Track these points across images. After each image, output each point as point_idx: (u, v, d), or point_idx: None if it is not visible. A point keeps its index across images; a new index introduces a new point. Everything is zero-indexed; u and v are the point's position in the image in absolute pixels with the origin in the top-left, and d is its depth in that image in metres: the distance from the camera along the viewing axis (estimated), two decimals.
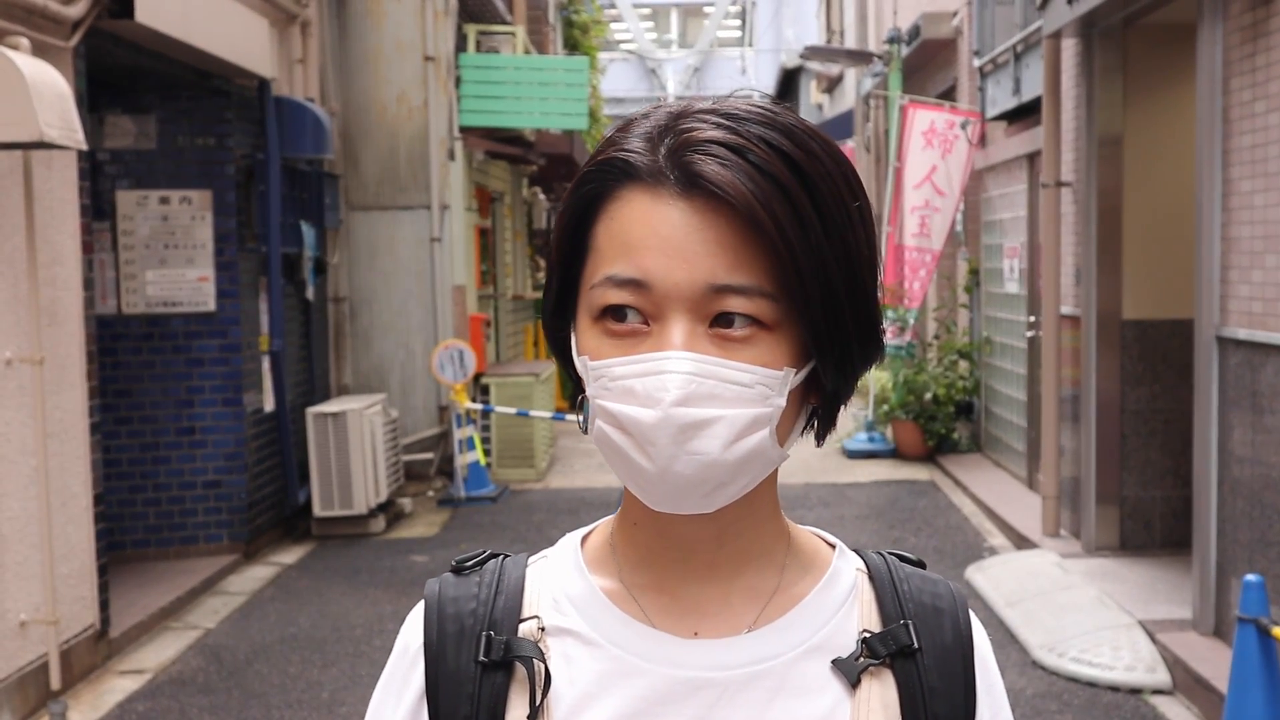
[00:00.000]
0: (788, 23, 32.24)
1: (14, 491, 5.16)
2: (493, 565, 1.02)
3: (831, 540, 1.04)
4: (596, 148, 0.94)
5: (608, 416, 0.89)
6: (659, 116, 0.92)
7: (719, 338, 0.88)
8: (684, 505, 0.90)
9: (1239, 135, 5.21)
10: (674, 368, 0.86)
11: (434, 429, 10.24)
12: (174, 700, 5.47)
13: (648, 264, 0.87)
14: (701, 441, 0.86)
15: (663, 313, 0.88)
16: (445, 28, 10.30)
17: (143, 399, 7.63)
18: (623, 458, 0.89)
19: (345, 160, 10.01)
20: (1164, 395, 7.13)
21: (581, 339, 0.92)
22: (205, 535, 7.70)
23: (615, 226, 0.90)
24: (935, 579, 1.03)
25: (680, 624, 0.95)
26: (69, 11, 5.50)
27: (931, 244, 11.03)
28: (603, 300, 0.89)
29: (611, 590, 0.97)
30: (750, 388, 0.87)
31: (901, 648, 0.96)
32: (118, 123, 7.52)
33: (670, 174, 0.88)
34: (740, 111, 0.91)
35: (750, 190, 0.86)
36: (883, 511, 8.96)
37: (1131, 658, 5.47)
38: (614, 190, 0.90)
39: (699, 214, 0.87)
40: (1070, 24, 6.86)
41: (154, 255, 7.59)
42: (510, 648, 0.95)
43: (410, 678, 0.99)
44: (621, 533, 0.99)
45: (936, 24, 11.76)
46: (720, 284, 0.87)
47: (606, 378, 0.88)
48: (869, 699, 0.95)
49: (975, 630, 1.01)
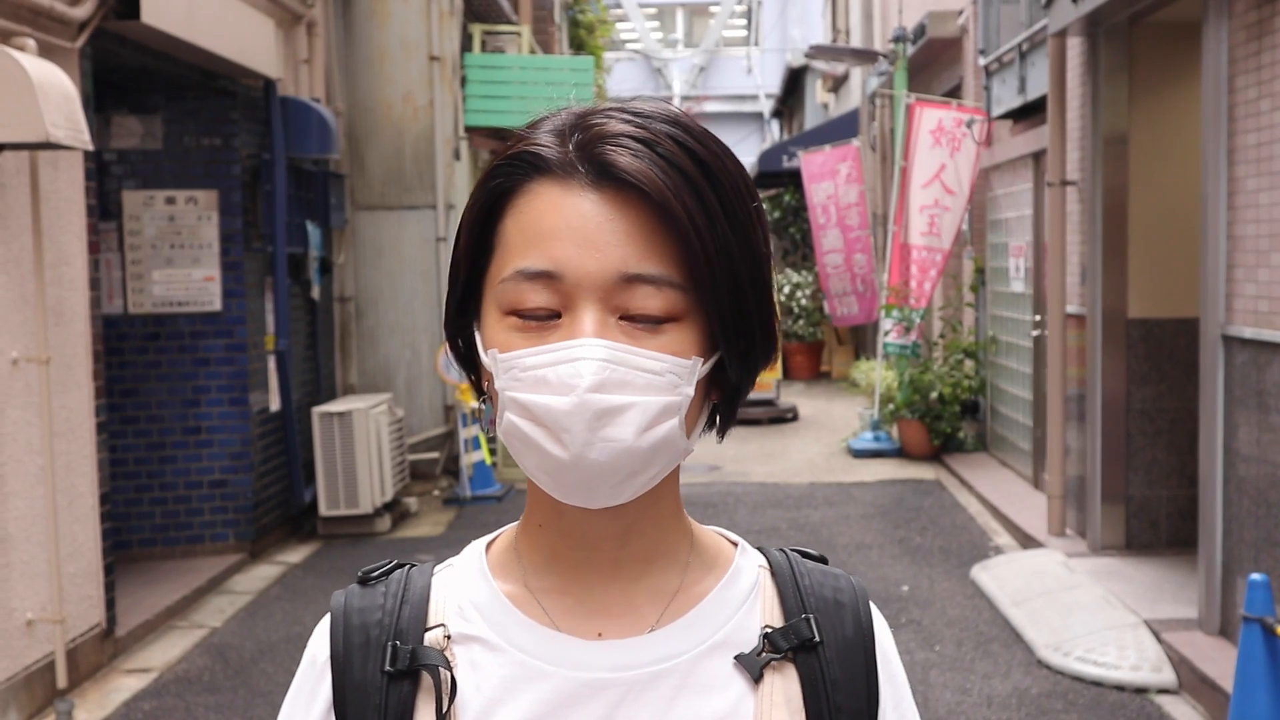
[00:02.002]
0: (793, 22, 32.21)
1: (21, 491, 5.18)
2: (399, 575, 1.02)
3: (734, 539, 1.05)
4: (504, 146, 0.95)
5: (518, 408, 0.89)
6: (566, 115, 0.94)
7: (628, 327, 0.89)
8: (596, 495, 0.90)
9: (1244, 133, 5.20)
10: (587, 354, 0.87)
11: (439, 428, 10.25)
12: (180, 699, 5.48)
13: (559, 254, 0.88)
14: (615, 428, 0.87)
15: (573, 303, 0.89)
16: (451, 27, 10.31)
17: (149, 398, 7.65)
18: (534, 449, 0.89)
19: (351, 160, 10.02)
20: (1169, 394, 7.12)
21: (489, 334, 0.92)
22: (211, 534, 7.71)
23: (525, 220, 0.91)
24: (836, 573, 1.04)
25: (584, 626, 0.96)
26: (75, 12, 5.51)
27: (941, 243, 11.01)
28: (514, 293, 0.90)
29: (515, 595, 0.98)
30: (661, 376, 0.89)
31: (803, 641, 0.97)
32: (124, 123, 7.53)
33: (580, 166, 0.90)
34: (646, 110, 0.93)
35: (662, 180, 0.88)
36: (888, 511, 8.96)
37: (1137, 657, 5.47)
38: (522, 184, 0.92)
39: (609, 204, 0.89)
40: (1075, 22, 6.85)
41: (160, 255, 7.61)
42: (416, 656, 0.95)
43: (318, 689, 0.99)
44: (525, 536, 1.00)
45: (942, 23, 11.75)
46: (631, 273, 0.88)
47: (517, 369, 0.89)
48: (772, 693, 0.95)
49: (876, 622, 1.02)
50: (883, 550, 7.80)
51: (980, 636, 6.08)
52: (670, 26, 38.02)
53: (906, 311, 11.19)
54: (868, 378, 12.56)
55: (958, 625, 6.26)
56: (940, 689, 5.39)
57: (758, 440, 12.38)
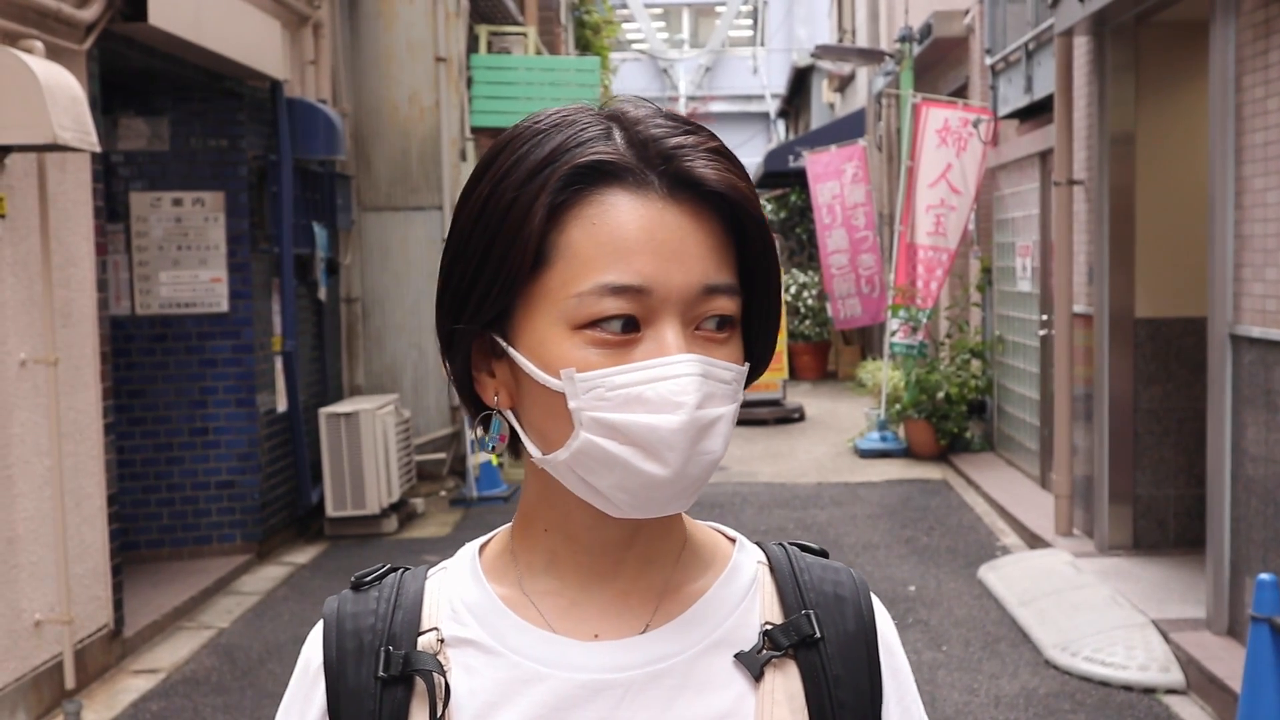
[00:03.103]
0: (799, 22, 32.19)
1: (29, 492, 5.19)
2: (391, 579, 1.01)
3: (732, 534, 1.04)
4: (525, 152, 0.89)
5: (604, 428, 0.87)
6: (593, 117, 0.91)
7: (701, 338, 0.89)
8: (669, 508, 0.90)
9: (1252, 132, 5.19)
10: (687, 370, 0.86)
11: (446, 429, 10.26)
12: (187, 700, 5.49)
13: (645, 268, 0.87)
14: (710, 441, 0.88)
15: (656, 317, 0.87)
16: (457, 29, 10.31)
17: (156, 400, 7.66)
18: (619, 468, 0.87)
19: (357, 161, 10.03)
20: (1177, 394, 7.11)
21: (551, 350, 0.88)
22: (218, 535, 7.72)
23: (599, 231, 0.87)
24: (837, 567, 1.03)
25: (580, 627, 0.95)
26: (82, 15, 5.52)
27: (948, 243, 11.00)
28: (593, 308, 0.87)
29: (510, 597, 0.97)
30: (730, 385, 0.90)
31: (804, 638, 0.96)
32: (131, 125, 7.55)
33: (652, 175, 0.88)
34: (675, 115, 0.93)
35: (745, 190, 0.90)
36: (895, 511, 8.95)
37: (1145, 657, 5.46)
38: (587, 194, 0.88)
39: (687, 216, 0.89)
40: (1082, 22, 6.84)
41: (167, 256, 7.62)
42: (409, 661, 0.94)
43: (312, 696, 0.99)
44: (524, 539, 0.98)
45: (948, 22, 11.74)
46: (711, 284, 0.89)
47: (603, 388, 0.86)
48: (773, 691, 0.94)
49: (879, 616, 1.01)
50: (889, 550, 7.80)
51: (987, 637, 6.07)
52: (676, 27, 38.00)
53: (913, 311, 11.18)
54: (874, 378, 12.55)
55: (965, 625, 6.25)
56: (948, 689, 5.38)
57: (764, 440, 12.37)
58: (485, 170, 0.92)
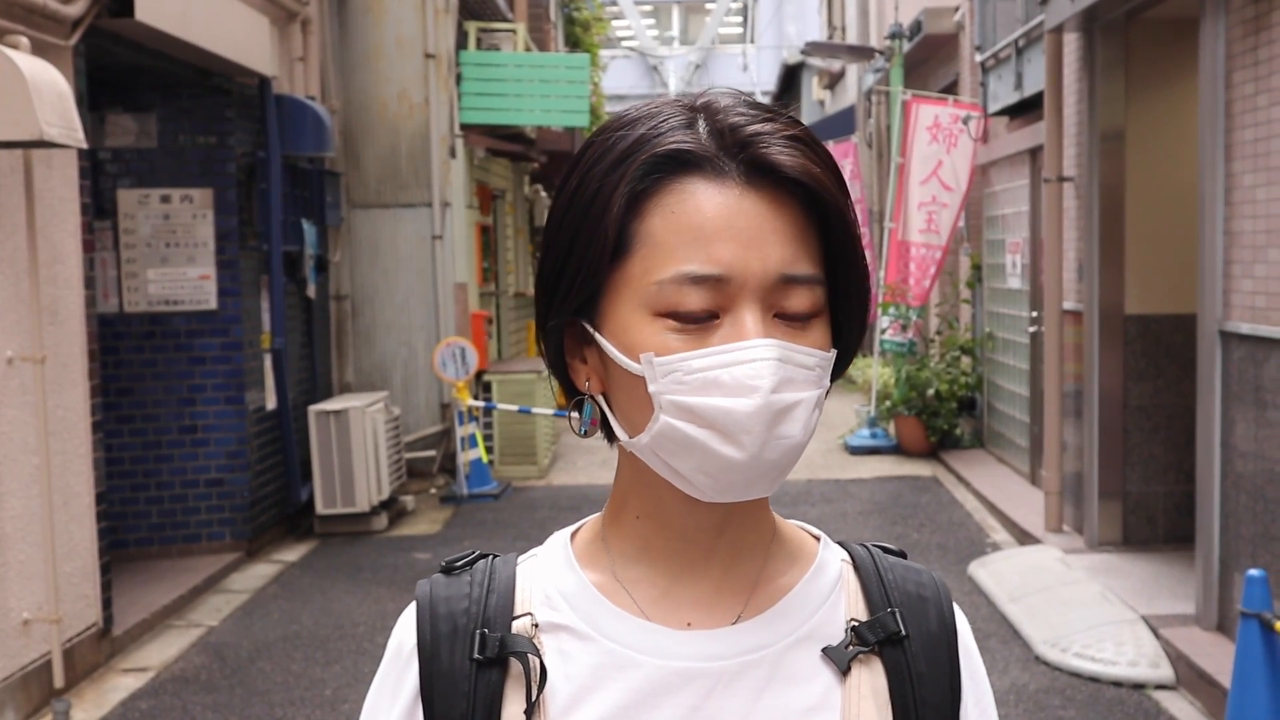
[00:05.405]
0: (789, 19, 32.20)
1: (16, 490, 5.16)
2: (483, 565, 1.02)
3: (815, 532, 1.06)
4: (611, 143, 0.92)
5: (682, 412, 0.88)
6: (677, 107, 0.93)
7: (782, 325, 0.90)
8: (752, 492, 0.91)
9: (1241, 129, 5.20)
10: (764, 354, 0.87)
11: (436, 426, 10.24)
12: (177, 698, 5.47)
13: (725, 257, 0.88)
14: (787, 425, 0.88)
15: (735, 304, 0.89)
16: (446, 25, 10.29)
17: (145, 397, 7.63)
18: (698, 451, 0.89)
19: (346, 158, 10.01)
20: (1167, 390, 7.12)
21: (633, 335, 0.90)
22: (208, 533, 7.70)
23: (679, 220, 0.89)
24: (919, 569, 1.05)
25: (673, 616, 0.96)
26: (69, 10, 5.49)
27: (939, 240, 11.01)
28: (674, 295, 0.88)
29: (603, 584, 0.98)
30: (813, 370, 0.91)
31: (889, 635, 0.98)
32: (118, 121, 7.51)
33: (731, 163, 0.90)
34: (760, 104, 0.93)
35: (828, 179, 0.91)
36: (885, 507, 8.96)
37: (1135, 653, 5.47)
38: (666, 183, 0.90)
39: (765, 204, 0.90)
40: (1072, 18, 6.84)
41: (155, 254, 7.59)
42: (505, 644, 0.95)
43: (405, 678, 0.99)
44: (616, 527, 1.00)
45: (938, 19, 11.75)
46: (788, 274, 0.89)
47: (680, 372, 0.88)
48: (859, 686, 0.96)
49: (959, 618, 1.03)
50: None
51: (978, 633, 6.07)
52: (666, 24, 37.98)
53: (903, 309, 11.18)
54: (865, 375, 12.56)
55: None
56: None
57: None
58: (577, 162, 0.94)
